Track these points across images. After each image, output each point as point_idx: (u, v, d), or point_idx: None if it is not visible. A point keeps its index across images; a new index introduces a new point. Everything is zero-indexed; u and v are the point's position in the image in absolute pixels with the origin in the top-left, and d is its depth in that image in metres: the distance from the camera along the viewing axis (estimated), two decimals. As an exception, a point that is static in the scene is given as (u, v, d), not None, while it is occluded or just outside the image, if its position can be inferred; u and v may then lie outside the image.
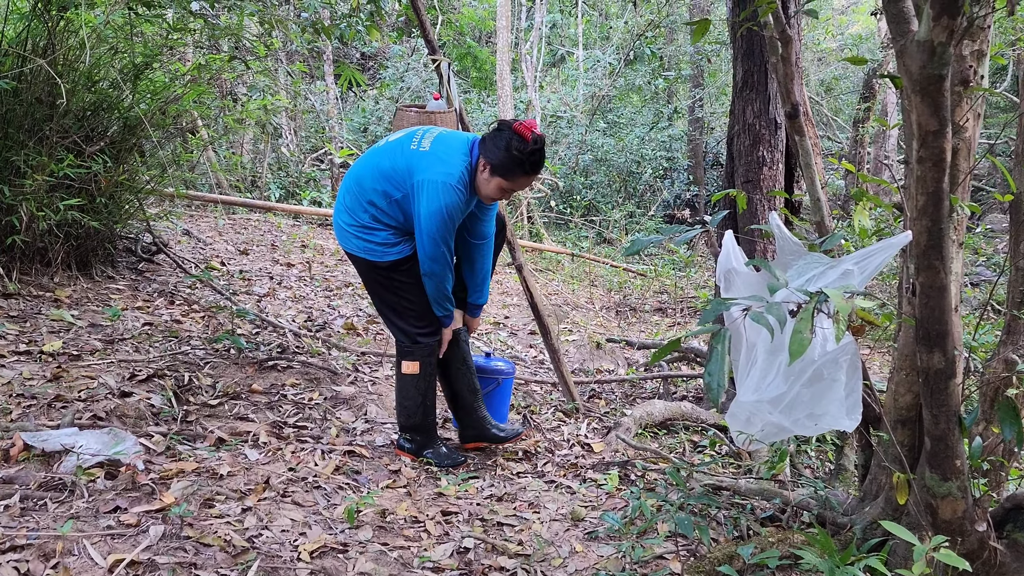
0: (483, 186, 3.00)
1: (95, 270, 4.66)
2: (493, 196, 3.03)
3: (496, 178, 2.96)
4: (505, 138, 2.92)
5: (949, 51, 1.59)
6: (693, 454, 3.78)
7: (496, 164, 2.94)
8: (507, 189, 2.99)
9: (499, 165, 2.93)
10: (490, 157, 2.95)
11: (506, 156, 2.92)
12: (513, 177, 2.96)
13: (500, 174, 2.95)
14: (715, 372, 1.70)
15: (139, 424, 3.02)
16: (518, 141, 2.91)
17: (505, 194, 3.02)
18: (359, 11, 6.48)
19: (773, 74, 3.99)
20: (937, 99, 1.64)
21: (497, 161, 2.93)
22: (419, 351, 3.19)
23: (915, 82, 1.63)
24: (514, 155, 2.91)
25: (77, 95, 4.38)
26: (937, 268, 1.79)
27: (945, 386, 1.93)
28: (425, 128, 3.14)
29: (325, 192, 11.05)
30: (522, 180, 2.99)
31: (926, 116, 1.65)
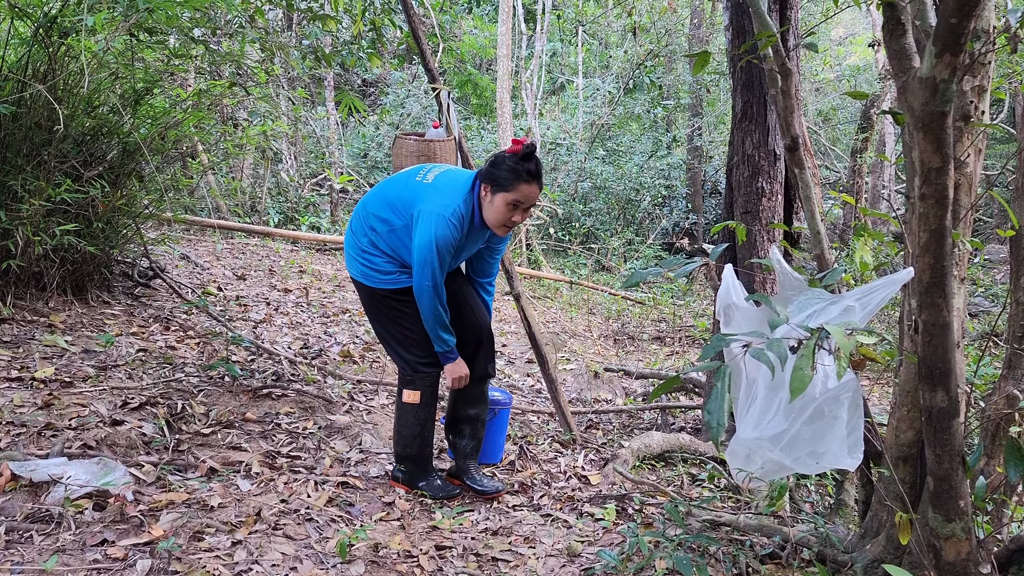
0: (490, 211, 2.96)
1: (91, 295, 4.63)
2: (502, 218, 2.95)
3: (499, 195, 2.92)
4: (499, 158, 2.95)
5: (952, 88, 1.58)
6: (691, 487, 3.73)
7: (495, 181, 2.92)
8: (513, 203, 2.92)
9: (497, 181, 2.91)
10: (488, 179, 2.94)
11: (502, 170, 2.91)
12: (514, 187, 2.90)
13: (502, 189, 2.91)
14: (715, 410, 1.68)
15: (130, 453, 2.98)
16: (510, 155, 2.92)
17: (514, 212, 2.94)
18: (360, 38, 6.52)
19: (772, 106, 3.99)
20: (940, 136, 1.62)
21: (494, 178, 2.92)
22: (420, 380, 3.15)
23: (918, 119, 1.62)
24: (509, 166, 2.90)
25: (77, 120, 4.37)
26: (940, 306, 1.77)
27: (948, 425, 1.90)
28: (435, 164, 3.19)
29: (324, 217, 11.05)
30: (524, 189, 2.91)
31: (929, 152, 1.64)
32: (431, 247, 2.89)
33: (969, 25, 1.48)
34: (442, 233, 2.89)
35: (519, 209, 2.94)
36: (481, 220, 3.01)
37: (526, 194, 2.92)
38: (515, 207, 2.93)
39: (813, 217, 2.70)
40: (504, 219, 2.95)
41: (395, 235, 3.03)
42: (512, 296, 4.03)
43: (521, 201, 2.92)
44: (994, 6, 2.17)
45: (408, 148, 4.05)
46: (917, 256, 1.74)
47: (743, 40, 3.98)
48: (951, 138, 1.62)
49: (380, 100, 16.26)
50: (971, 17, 1.46)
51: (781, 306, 1.97)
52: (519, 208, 2.94)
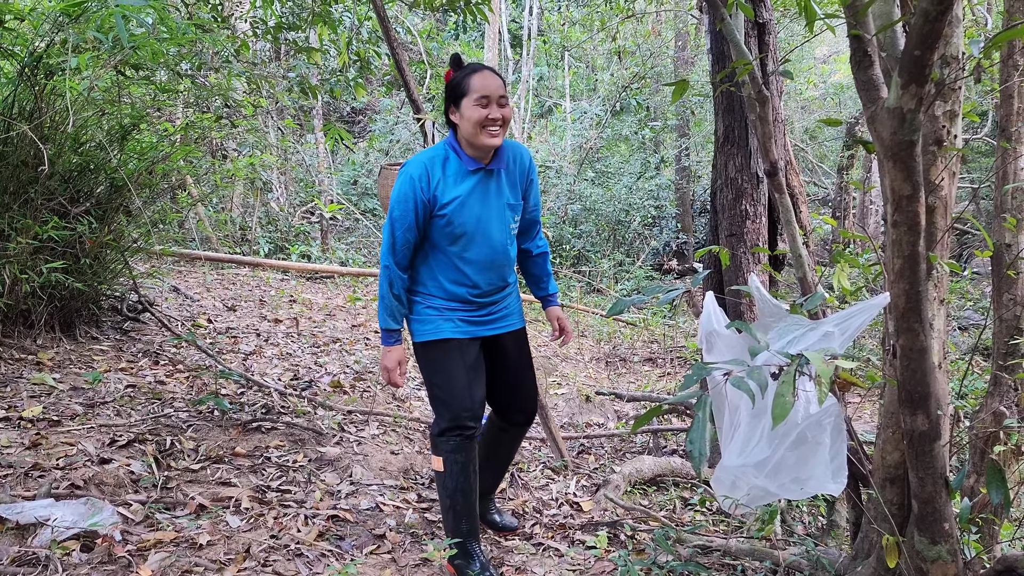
0: (466, 125, 2.63)
1: (79, 331, 4.63)
2: (478, 119, 2.59)
3: (463, 102, 2.62)
4: (445, 87, 2.73)
5: (919, 118, 1.61)
6: (683, 511, 3.73)
7: (453, 98, 2.67)
8: (478, 101, 2.58)
9: (454, 94, 2.66)
10: (449, 103, 2.70)
11: (451, 86, 2.68)
12: (470, 86, 2.61)
13: (463, 95, 2.63)
14: (697, 439, 1.69)
15: (118, 492, 2.96)
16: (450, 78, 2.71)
17: (487, 109, 2.60)
18: (347, 69, 6.58)
19: (753, 130, 4.04)
20: (909, 164, 1.65)
21: (451, 96, 2.67)
22: (441, 446, 2.79)
23: (887, 148, 1.65)
24: (453, 78, 2.68)
25: (64, 157, 4.39)
26: (917, 331, 1.79)
27: (930, 448, 1.91)
28: None
29: (315, 246, 11.06)
30: (480, 80, 2.61)
31: (899, 181, 1.67)
32: (395, 195, 2.66)
33: (932, 57, 1.51)
34: (403, 179, 2.65)
35: (491, 103, 2.61)
36: (470, 156, 2.70)
37: (485, 84, 2.62)
38: (485, 103, 2.60)
39: (794, 240, 2.73)
40: (479, 118, 2.59)
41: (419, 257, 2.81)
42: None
43: (486, 94, 2.60)
44: (962, 33, 2.21)
45: (394, 178, 4.07)
46: (892, 282, 1.77)
47: (723, 66, 4.03)
48: (920, 166, 1.64)
49: (369, 127, 16.35)
50: (933, 49, 1.49)
51: (761, 333, 1.99)
52: (490, 102, 2.61)
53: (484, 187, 2.73)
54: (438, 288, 2.78)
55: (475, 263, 2.76)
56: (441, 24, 16.62)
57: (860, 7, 1.73)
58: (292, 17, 5.92)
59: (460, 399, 2.76)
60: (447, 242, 2.72)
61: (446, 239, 2.71)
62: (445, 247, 2.73)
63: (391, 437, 4.20)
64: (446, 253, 2.74)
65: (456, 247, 2.73)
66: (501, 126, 2.64)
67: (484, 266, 2.78)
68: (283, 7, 5.76)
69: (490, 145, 2.65)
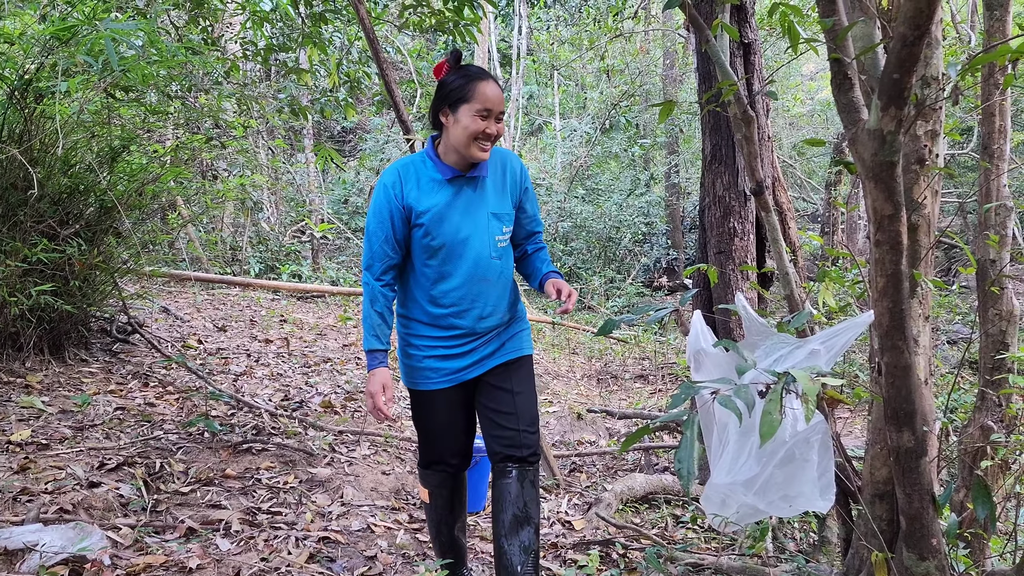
0: (456, 131, 2.42)
1: (68, 353, 4.61)
2: (472, 130, 2.40)
3: (462, 108, 2.40)
4: (439, 84, 2.49)
5: (899, 139, 1.64)
6: (675, 529, 3.73)
7: (449, 100, 2.43)
8: (480, 112, 2.39)
9: (451, 97, 2.43)
10: (442, 103, 2.46)
11: (450, 86, 2.44)
12: (474, 92, 2.39)
13: (463, 101, 2.40)
14: (685, 458, 1.70)
15: (107, 516, 2.95)
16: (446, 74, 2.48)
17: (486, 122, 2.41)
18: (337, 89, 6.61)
19: (740, 149, 4.08)
20: (890, 185, 1.68)
21: (448, 97, 2.44)
22: (426, 479, 2.71)
23: (868, 169, 1.67)
24: (454, 78, 2.44)
25: (53, 179, 4.39)
26: (901, 348, 1.80)
27: (916, 465, 1.93)
28: None
29: (306, 265, 11.05)
30: (485, 89, 2.40)
31: (881, 201, 1.69)
32: (372, 206, 2.52)
33: (911, 80, 1.53)
34: (377, 188, 2.51)
35: (491, 117, 2.41)
36: (448, 166, 2.50)
37: (490, 96, 2.41)
38: (484, 115, 2.40)
39: (781, 258, 2.75)
40: (475, 130, 2.39)
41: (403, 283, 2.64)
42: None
43: (490, 107, 2.40)
44: (942, 54, 2.24)
45: (384, 199, 4.09)
46: (876, 300, 1.79)
47: (709, 86, 4.07)
48: (901, 187, 1.67)
49: (359, 146, 16.39)
50: (912, 72, 1.52)
51: (748, 351, 2.01)
52: (490, 116, 2.41)
53: (464, 196, 2.53)
54: (421, 311, 2.58)
55: (457, 278, 2.52)
56: (431, 44, 16.71)
57: (839, 32, 1.77)
58: (282, 38, 5.96)
59: (443, 442, 2.66)
60: (426, 256, 2.51)
61: (425, 253, 2.51)
62: (426, 262, 2.52)
63: (382, 457, 4.19)
64: (427, 269, 2.53)
65: (435, 260, 2.51)
66: (493, 142, 2.47)
67: (467, 282, 2.53)
68: (273, 29, 5.80)
69: (478, 159, 2.46)
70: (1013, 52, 1.53)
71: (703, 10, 4.00)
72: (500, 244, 2.59)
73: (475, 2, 4.78)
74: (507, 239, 2.63)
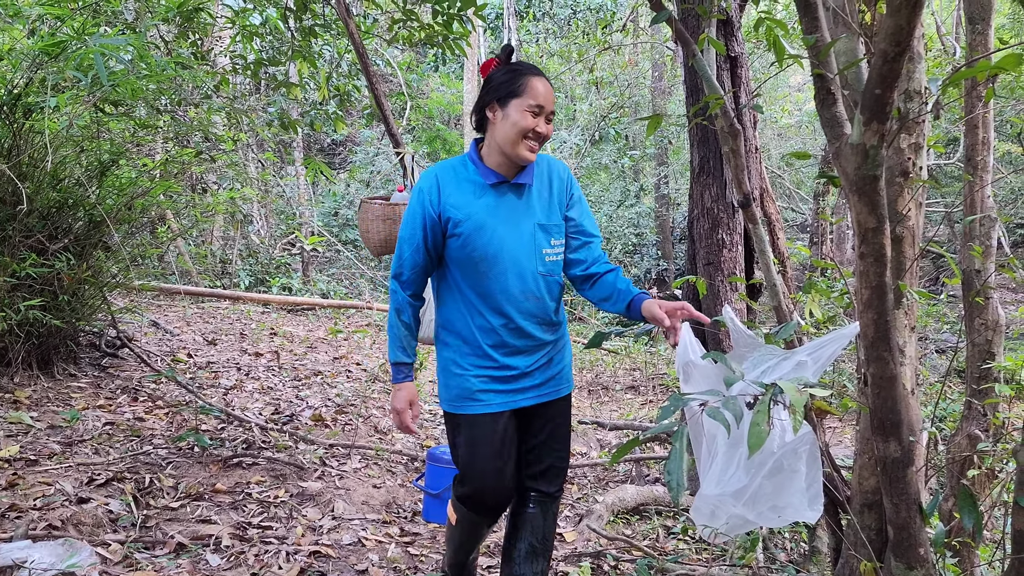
0: (504, 128, 2.26)
1: (57, 368, 4.59)
2: (522, 127, 2.24)
3: (512, 104, 2.24)
4: (488, 77, 2.33)
5: (882, 153, 1.66)
6: (667, 540, 3.73)
7: (499, 94, 2.27)
8: (532, 109, 2.23)
9: (502, 92, 2.27)
10: (491, 97, 2.29)
11: (500, 80, 2.28)
12: (526, 87, 2.24)
13: (513, 95, 2.24)
14: (674, 471, 1.71)
15: (96, 532, 2.93)
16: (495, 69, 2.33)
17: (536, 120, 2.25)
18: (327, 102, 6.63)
19: (727, 161, 4.11)
20: (874, 198, 1.70)
21: (499, 91, 2.27)
22: (460, 508, 2.45)
23: (852, 183, 1.69)
24: (506, 71, 2.28)
25: (42, 194, 4.39)
26: (886, 359, 1.82)
27: (903, 474, 1.94)
28: None
29: (296, 278, 11.04)
30: (538, 85, 2.24)
31: (864, 214, 1.71)
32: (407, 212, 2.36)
33: (892, 95, 1.56)
34: (413, 192, 2.36)
35: (542, 116, 2.26)
36: (491, 170, 2.33)
37: (542, 92, 2.25)
38: (536, 112, 2.24)
39: (769, 269, 2.78)
40: (526, 127, 2.23)
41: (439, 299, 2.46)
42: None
43: (542, 104, 2.24)
44: (925, 69, 2.28)
45: (374, 212, 4.10)
46: (861, 312, 1.80)
47: (697, 99, 4.11)
48: (884, 200, 1.69)
49: (349, 159, 16.41)
50: (893, 88, 1.54)
51: (736, 363, 2.02)
52: (541, 114, 2.25)
53: (508, 204, 2.34)
54: (465, 327, 2.37)
55: (502, 296, 2.33)
56: (421, 56, 16.77)
57: (822, 48, 1.79)
58: (272, 52, 5.98)
59: (484, 478, 2.36)
60: (467, 269, 2.32)
61: (464, 265, 2.32)
62: (466, 275, 2.33)
63: (373, 470, 4.18)
64: (469, 283, 2.34)
65: (476, 275, 2.32)
66: (541, 144, 2.31)
67: (512, 300, 2.33)
68: (263, 43, 5.82)
69: (525, 159, 2.28)
70: (992, 67, 1.55)
71: (690, 24, 4.03)
72: (549, 259, 2.39)
73: (464, 16, 4.81)
74: (557, 254, 2.41)
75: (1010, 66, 1.48)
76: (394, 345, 2.40)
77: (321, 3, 5.29)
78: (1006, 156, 11.80)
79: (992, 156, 3.42)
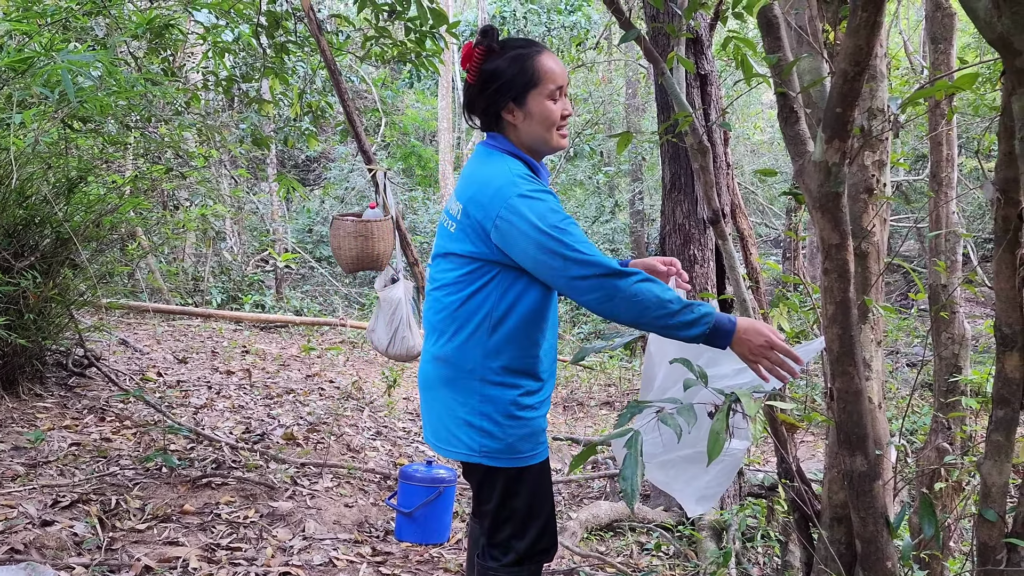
0: (533, 125, 2.01)
1: (22, 388, 4.51)
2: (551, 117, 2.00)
3: (531, 95, 1.98)
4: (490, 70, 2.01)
5: (844, 171, 1.68)
6: (640, 556, 3.73)
7: (513, 89, 1.99)
8: (552, 93, 2.00)
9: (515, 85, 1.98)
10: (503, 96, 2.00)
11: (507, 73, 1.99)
12: (539, 71, 1.98)
13: (530, 86, 1.98)
14: (629, 476, 1.71)
15: (60, 555, 2.88)
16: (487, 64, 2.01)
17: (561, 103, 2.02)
18: (300, 118, 6.61)
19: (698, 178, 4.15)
20: (836, 215, 1.72)
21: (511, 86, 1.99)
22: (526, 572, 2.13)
23: (815, 200, 1.72)
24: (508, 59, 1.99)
25: (8, 211, 4.33)
26: (851, 374, 1.84)
27: (870, 488, 1.96)
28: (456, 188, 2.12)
29: (269, 295, 10.95)
30: (548, 63, 1.99)
31: (828, 230, 1.74)
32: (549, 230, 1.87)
33: (852, 113, 1.58)
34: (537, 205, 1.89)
35: (562, 95, 2.02)
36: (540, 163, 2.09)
37: (556, 70, 2.00)
38: (557, 95, 2.01)
39: (738, 285, 2.80)
40: (554, 117, 2.00)
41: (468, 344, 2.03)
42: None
43: (560, 84, 2.00)
44: (887, 87, 2.31)
45: (345, 229, 4.09)
46: (826, 327, 1.82)
47: (668, 116, 4.15)
48: (847, 216, 1.71)
49: (324, 175, 16.37)
50: (853, 106, 1.57)
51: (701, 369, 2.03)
52: (562, 93, 2.02)
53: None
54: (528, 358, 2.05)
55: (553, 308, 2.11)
56: (395, 73, 16.80)
57: (784, 67, 1.82)
58: (244, 68, 5.96)
59: (543, 534, 2.11)
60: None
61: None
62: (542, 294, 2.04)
63: (345, 489, 4.14)
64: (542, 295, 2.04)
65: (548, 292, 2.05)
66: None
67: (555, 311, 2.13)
68: (235, 59, 5.80)
69: (562, 147, 2.07)
70: (948, 87, 1.58)
71: (660, 43, 4.08)
72: None
73: (437, 33, 4.83)
74: None
75: (966, 86, 1.51)
76: (686, 308, 1.83)
77: (293, 20, 5.29)
78: (974, 172, 12.02)
79: (956, 172, 3.49)
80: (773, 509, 3.91)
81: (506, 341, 2.00)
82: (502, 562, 2.08)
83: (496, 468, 2.03)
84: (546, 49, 2.03)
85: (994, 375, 1.82)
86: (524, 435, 2.03)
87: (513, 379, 2.02)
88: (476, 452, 2.03)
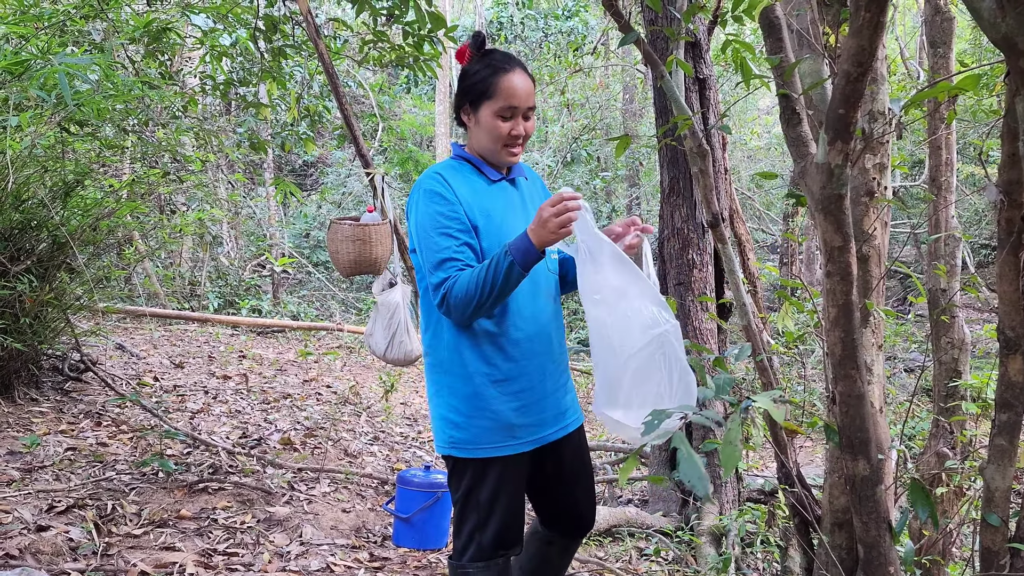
0: (480, 134, 2.08)
1: (17, 392, 4.49)
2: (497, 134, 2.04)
3: (483, 107, 2.05)
4: (462, 74, 2.12)
5: (847, 172, 1.67)
6: (639, 562, 3.71)
7: (470, 96, 2.07)
8: (503, 111, 2.03)
9: (473, 92, 2.06)
10: (463, 99, 2.10)
11: (471, 79, 2.07)
12: (496, 87, 2.02)
13: (484, 97, 2.04)
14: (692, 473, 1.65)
15: (55, 561, 2.85)
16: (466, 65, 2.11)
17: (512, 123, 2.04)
18: (297, 123, 6.60)
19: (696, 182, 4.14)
20: (839, 217, 1.71)
21: (468, 93, 2.07)
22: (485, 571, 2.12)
23: (818, 202, 1.70)
24: (476, 69, 2.07)
25: (4, 214, 4.31)
26: (854, 377, 1.82)
27: (872, 493, 1.94)
28: None
29: (266, 300, 10.93)
30: (509, 83, 2.03)
31: (830, 233, 1.72)
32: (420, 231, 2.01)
33: (855, 115, 1.57)
34: (422, 207, 2.02)
35: (517, 116, 2.05)
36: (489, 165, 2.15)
37: (515, 91, 2.03)
38: (509, 115, 2.04)
39: (738, 289, 2.79)
40: (500, 134, 2.04)
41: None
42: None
43: (514, 104, 2.03)
44: (888, 90, 2.31)
45: (343, 233, 4.08)
46: (828, 330, 1.81)
47: (666, 120, 4.14)
48: (849, 218, 1.70)
49: (321, 180, 16.36)
50: (856, 108, 1.56)
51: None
52: (516, 115, 2.05)
53: (512, 202, 2.16)
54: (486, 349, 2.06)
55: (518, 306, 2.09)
56: (393, 78, 16.81)
57: (786, 68, 1.81)
58: (242, 72, 5.95)
59: (508, 528, 2.10)
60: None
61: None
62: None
63: (342, 494, 4.12)
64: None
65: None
66: (523, 143, 2.11)
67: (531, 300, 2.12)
68: (232, 63, 5.79)
69: (507, 164, 2.14)
70: (951, 88, 1.58)
71: (658, 47, 4.07)
72: (553, 256, 2.22)
73: (434, 37, 4.82)
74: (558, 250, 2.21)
75: (969, 87, 1.50)
76: (482, 273, 1.91)
77: (291, 24, 5.28)
78: (970, 178, 12.04)
79: (955, 177, 3.49)
80: (773, 514, 3.90)
81: (461, 333, 2.05)
82: (464, 557, 2.10)
83: (464, 459, 2.07)
84: (521, 71, 2.07)
85: (997, 379, 1.81)
86: (491, 427, 2.05)
87: (477, 370, 2.05)
88: (446, 444, 2.09)
